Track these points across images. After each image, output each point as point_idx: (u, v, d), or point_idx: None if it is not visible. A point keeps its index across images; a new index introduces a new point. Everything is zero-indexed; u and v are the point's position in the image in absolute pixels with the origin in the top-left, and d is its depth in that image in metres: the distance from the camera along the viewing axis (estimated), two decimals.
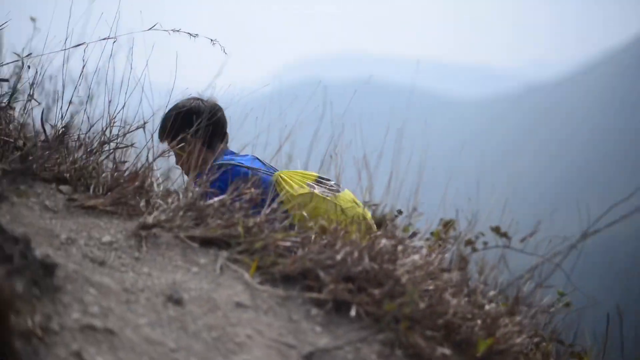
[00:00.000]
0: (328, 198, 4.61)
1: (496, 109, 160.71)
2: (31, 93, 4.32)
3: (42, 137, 4.02)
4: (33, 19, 4.65)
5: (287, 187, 4.67)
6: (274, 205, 3.76)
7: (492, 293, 3.66)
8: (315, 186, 4.72)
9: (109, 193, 3.67)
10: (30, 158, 3.75)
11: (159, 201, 3.64)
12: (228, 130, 5.32)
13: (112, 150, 4.15)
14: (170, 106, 5.01)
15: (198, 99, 5.18)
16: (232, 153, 5.21)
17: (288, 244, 3.45)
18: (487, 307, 3.49)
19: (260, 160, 5.11)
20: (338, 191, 4.73)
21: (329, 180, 4.83)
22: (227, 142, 5.29)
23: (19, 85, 4.33)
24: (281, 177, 4.78)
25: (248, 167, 4.82)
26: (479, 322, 3.35)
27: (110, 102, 4.31)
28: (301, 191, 4.64)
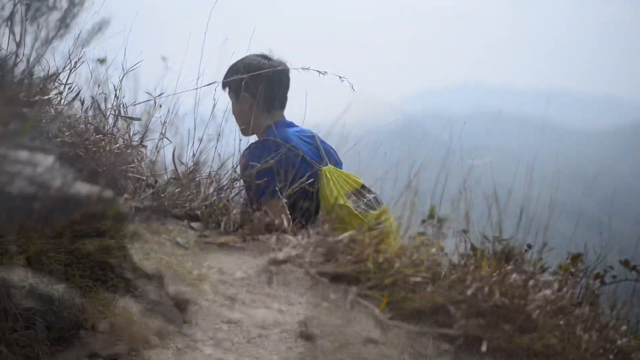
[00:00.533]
0: (359, 215, 4.51)
1: (625, 139, 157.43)
2: (163, 131, 4.41)
3: (174, 175, 4.10)
4: (164, 59, 4.76)
5: (327, 190, 4.60)
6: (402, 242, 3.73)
7: (624, 328, 3.58)
8: (352, 196, 4.65)
9: (240, 229, 3.72)
10: (162, 195, 3.83)
11: (289, 237, 3.67)
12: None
13: (242, 187, 4.21)
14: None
15: (265, 57, 4.98)
16: (291, 124, 5.02)
17: (418, 279, 3.43)
18: (619, 341, 3.42)
19: (317, 142, 4.97)
20: (373, 208, 4.63)
21: (370, 192, 4.75)
22: (283, 108, 5.05)
23: (150, 124, 4.43)
24: (327, 175, 4.67)
25: (295, 150, 4.67)
26: (611, 357, 3.30)
27: (240, 140, 4.38)
28: (338, 200, 4.56)
